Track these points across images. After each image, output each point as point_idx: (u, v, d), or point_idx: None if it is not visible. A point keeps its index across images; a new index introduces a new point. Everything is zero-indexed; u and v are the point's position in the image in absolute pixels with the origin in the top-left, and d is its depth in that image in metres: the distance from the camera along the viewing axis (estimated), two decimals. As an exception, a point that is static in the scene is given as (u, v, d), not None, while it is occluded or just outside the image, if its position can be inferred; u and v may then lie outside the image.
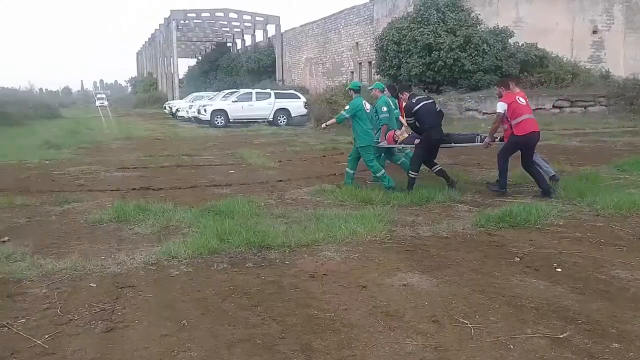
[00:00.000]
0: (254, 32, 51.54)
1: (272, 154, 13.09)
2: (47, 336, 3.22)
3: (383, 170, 8.08)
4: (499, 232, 5.66)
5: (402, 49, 23.67)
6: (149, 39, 64.49)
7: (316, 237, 5.31)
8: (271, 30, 48.03)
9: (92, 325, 3.41)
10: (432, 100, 8.00)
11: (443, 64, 22.57)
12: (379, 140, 8.43)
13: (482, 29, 23.07)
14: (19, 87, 47.86)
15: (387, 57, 24.88)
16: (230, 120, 23.93)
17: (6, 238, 5.40)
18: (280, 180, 9.08)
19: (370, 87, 9.53)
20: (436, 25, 22.98)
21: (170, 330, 3.35)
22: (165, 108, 35.78)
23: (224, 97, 25.97)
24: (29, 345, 3.11)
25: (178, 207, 6.83)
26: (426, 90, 22.40)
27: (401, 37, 23.75)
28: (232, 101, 24.40)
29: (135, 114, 38.85)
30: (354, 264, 4.64)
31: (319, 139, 17.23)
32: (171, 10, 46.07)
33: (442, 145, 8.05)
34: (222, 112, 24.06)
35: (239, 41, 56.35)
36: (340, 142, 16.07)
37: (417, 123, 7.73)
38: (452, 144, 8.31)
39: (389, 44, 24.52)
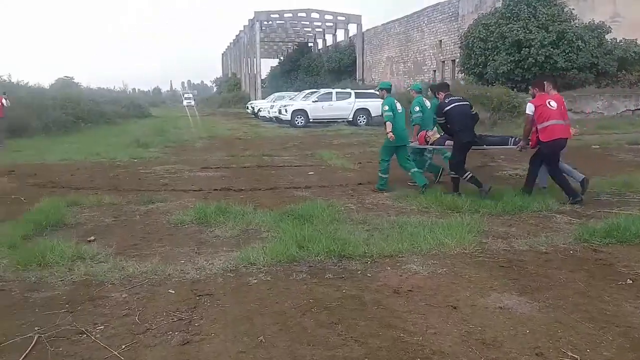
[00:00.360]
0: (335, 32, 51.63)
1: (352, 155, 12.84)
2: (123, 346, 3.15)
3: (387, 176, 8.20)
4: (605, 249, 5.05)
5: (489, 46, 22.64)
6: (233, 40, 66.44)
7: (399, 248, 4.98)
8: (352, 29, 47.86)
9: (168, 336, 3.30)
10: (467, 103, 7.80)
11: (534, 61, 21.30)
12: (412, 140, 8.49)
13: (577, 25, 21.54)
14: (114, 87, 51.17)
15: (472, 55, 23.92)
16: (310, 120, 23.95)
17: (92, 238, 5.51)
18: (360, 184, 8.80)
19: (409, 88, 9.62)
20: (527, 20, 21.74)
21: (246, 346, 3.17)
22: (247, 108, 36.60)
23: (304, 97, 26.07)
24: (105, 355, 3.05)
25: (258, 209, 6.75)
26: (515, 89, 21.30)
27: (488, 33, 22.72)
28: (313, 101, 24.42)
29: (219, 114, 40.07)
30: (442, 280, 4.27)
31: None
32: (255, 12, 47.12)
33: (474, 147, 7.91)
34: (302, 112, 24.13)
35: (320, 41, 56.70)
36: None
37: (447, 124, 7.62)
38: (485, 145, 8.24)
39: (475, 41, 23.55)
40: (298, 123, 23.70)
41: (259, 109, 31.61)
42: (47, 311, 3.64)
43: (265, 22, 49.76)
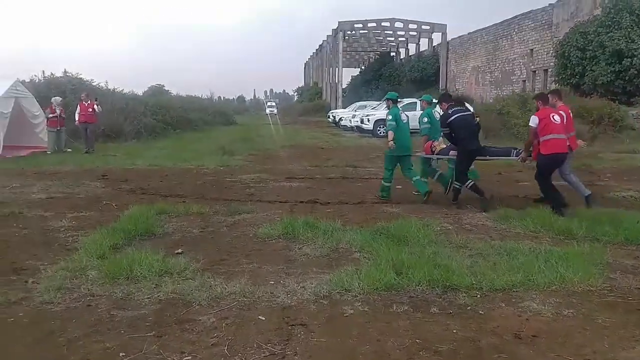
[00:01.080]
0: (419, 41, 50.73)
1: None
2: (212, 384, 2.83)
3: (390, 184, 8.37)
4: None
5: (587, 56, 21.15)
6: (316, 50, 67.13)
7: (512, 280, 4.37)
8: (437, 38, 46.82)
9: (260, 373, 2.96)
10: (470, 112, 8.02)
11: (636, 72, 19.60)
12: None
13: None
14: (201, 95, 53.04)
15: (568, 65, 22.49)
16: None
17: (180, 250, 5.34)
18: (455, 201, 8.17)
19: (420, 99, 9.75)
20: (629, 29, 20.10)
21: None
22: (328, 117, 36.56)
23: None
24: (193, 394, 2.74)
25: (346, 225, 6.35)
26: (616, 101, 19.65)
27: (586, 42, 21.24)
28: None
29: (300, 122, 40.34)
30: (570, 324, 3.64)
31: (491, 153, 15.83)
32: (339, 22, 47.27)
33: (477, 158, 8.12)
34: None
35: (402, 50, 55.93)
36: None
37: (452, 134, 7.78)
38: (488, 156, 8.40)
39: (571, 50, 22.13)
40: (381, 133, 23.13)
41: (340, 118, 31.43)
42: (133, 333, 3.40)
43: (349, 32, 49.77)
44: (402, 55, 55.60)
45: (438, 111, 8.86)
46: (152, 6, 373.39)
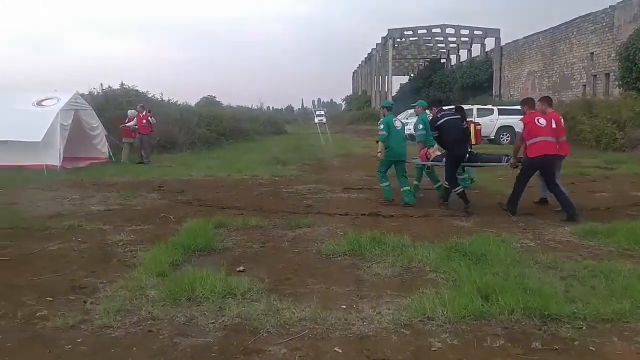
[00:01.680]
0: (471, 47, 49.50)
1: (505, 178, 11.44)
2: None
3: (388, 183, 8.63)
4: None
5: (655, 59, 19.83)
6: (365, 58, 66.84)
7: (620, 309, 3.80)
8: (490, 43, 45.49)
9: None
10: (458, 117, 8.10)
11: None
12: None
13: None
14: (251, 106, 53.66)
15: (633, 68, 21.25)
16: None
17: (242, 268, 5.02)
18: (530, 214, 7.56)
19: (414, 104, 9.63)
20: (697, 30, 18.70)
21: None
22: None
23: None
24: None
25: (416, 241, 5.88)
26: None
27: (653, 44, 19.93)
28: (451, 118, 23.07)
29: (349, 131, 39.91)
30: None
31: (557, 161, 14.95)
32: (389, 29, 46.81)
33: (469, 164, 8.45)
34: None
35: (453, 57, 54.76)
36: (585, 165, 13.65)
37: (441, 137, 8.02)
38: (480, 163, 8.58)
39: (636, 52, 20.85)
40: (479, 143, 22.43)
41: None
42: (198, 366, 3.07)
43: (398, 40, 49.17)
44: (453, 62, 54.41)
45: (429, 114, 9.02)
46: (201, 20, 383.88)
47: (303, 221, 7.05)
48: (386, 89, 47.98)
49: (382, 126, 8.52)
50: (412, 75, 64.91)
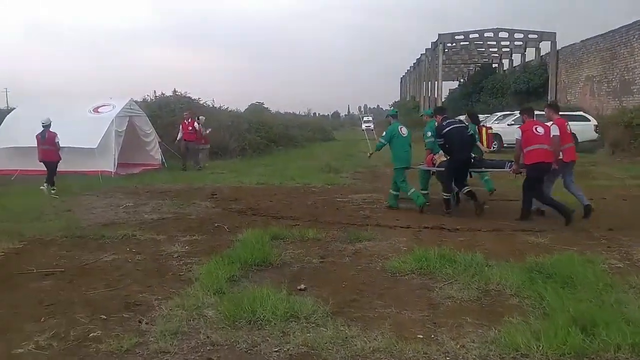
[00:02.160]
0: (525, 51, 47.76)
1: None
2: None
3: (413, 189, 8.73)
4: None
5: None
6: (414, 63, 65.88)
7: None
8: (545, 47, 43.78)
9: None
10: (464, 125, 8.41)
11: None
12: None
13: None
14: (299, 112, 53.74)
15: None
16: (504, 146, 21.70)
17: (303, 286, 4.67)
18: (611, 229, 6.90)
19: (421, 114, 9.50)
20: None
21: None
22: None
23: (497, 119, 23.90)
24: None
25: (489, 259, 5.38)
26: None
27: None
28: (508, 124, 22.18)
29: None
30: None
31: (627, 170, 14.02)
32: (439, 34, 45.81)
33: (473, 170, 8.58)
34: (495, 136, 21.99)
35: (505, 61, 53.08)
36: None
37: (446, 144, 8.16)
38: (483, 168, 8.79)
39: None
40: (492, 148, 21.60)
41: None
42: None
43: (449, 44, 48.07)
44: (506, 66, 52.74)
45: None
46: (249, 29, 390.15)
47: (363, 234, 6.65)
48: (435, 95, 46.91)
49: (384, 134, 8.89)
50: (462, 80, 63.45)
